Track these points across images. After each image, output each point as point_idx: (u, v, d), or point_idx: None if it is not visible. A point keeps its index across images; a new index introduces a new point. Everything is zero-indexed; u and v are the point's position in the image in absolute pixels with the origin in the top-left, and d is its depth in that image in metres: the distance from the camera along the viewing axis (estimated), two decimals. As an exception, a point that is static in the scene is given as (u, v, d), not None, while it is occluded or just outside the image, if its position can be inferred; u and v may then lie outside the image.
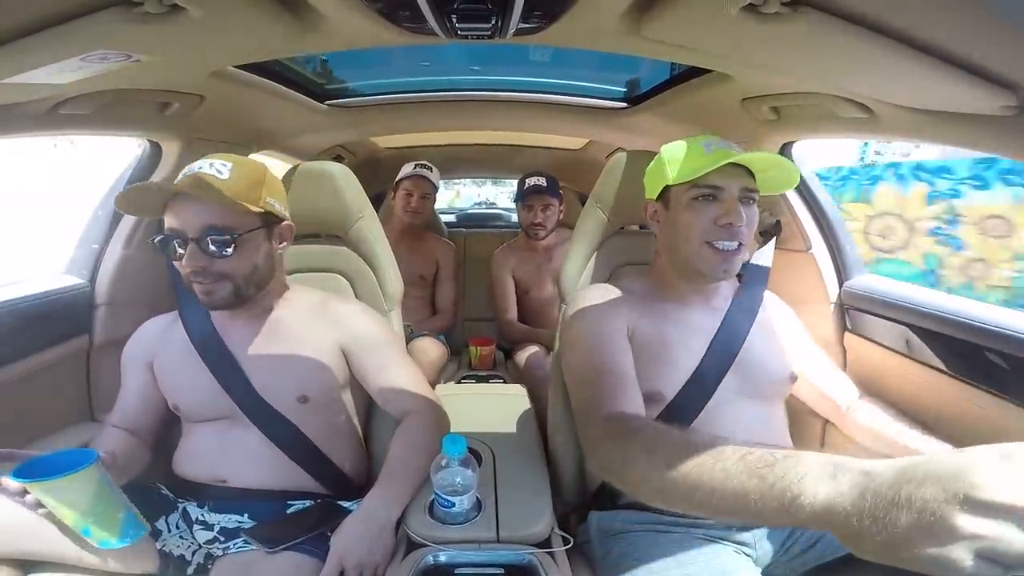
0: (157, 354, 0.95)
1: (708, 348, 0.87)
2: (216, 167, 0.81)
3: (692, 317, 0.90)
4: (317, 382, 0.92)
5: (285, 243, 0.93)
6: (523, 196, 1.95)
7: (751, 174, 0.85)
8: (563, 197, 2.00)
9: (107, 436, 0.91)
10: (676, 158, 0.87)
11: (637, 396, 0.79)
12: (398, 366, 0.98)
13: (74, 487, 0.66)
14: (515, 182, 2.15)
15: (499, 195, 8.82)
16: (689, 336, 0.88)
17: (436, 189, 2.00)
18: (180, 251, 0.81)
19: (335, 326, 0.96)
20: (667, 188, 0.88)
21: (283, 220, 0.92)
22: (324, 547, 0.79)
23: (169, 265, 1.00)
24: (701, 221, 0.84)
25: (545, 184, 1.91)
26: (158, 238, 0.83)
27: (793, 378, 0.92)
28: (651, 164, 0.94)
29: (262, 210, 0.85)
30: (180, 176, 0.84)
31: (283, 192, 0.94)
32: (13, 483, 0.66)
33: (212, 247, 0.80)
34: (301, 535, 0.81)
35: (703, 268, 0.86)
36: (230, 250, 0.81)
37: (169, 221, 0.81)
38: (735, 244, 0.84)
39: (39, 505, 0.68)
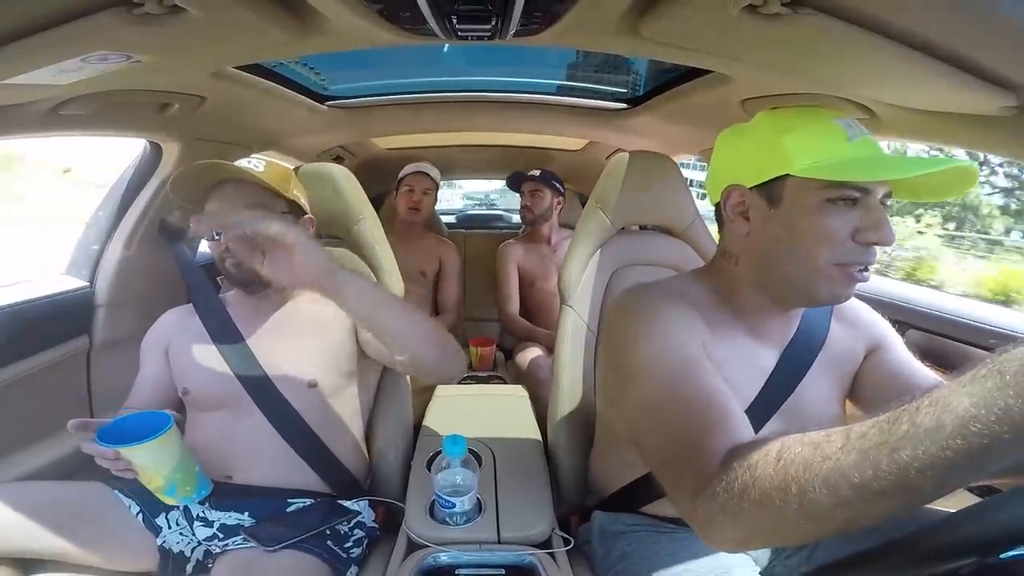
0: (172, 340, 0.97)
1: (760, 391, 0.72)
2: (253, 163, 0.92)
3: (756, 349, 0.73)
4: (327, 366, 0.94)
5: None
6: (517, 184, 2.08)
7: None
8: (562, 194, 2.05)
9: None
10: (802, 136, 0.62)
11: (746, 421, 0.56)
12: None
13: (162, 448, 0.72)
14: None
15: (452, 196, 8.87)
16: (749, 376, 0.72)
17: (437, 186, 2.05)
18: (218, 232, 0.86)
19: None
20: (782, 177, 0.63)
21: (306, 213, 0.99)
22: (324, 546, 0.79)
23: (178, 259, 1.05)
24: (838, 234, 0.61)
25: (538, 173, 2.02)
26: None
27: (838, 421, 0.77)
28: (743, 134, 0.68)
29: (291, 200, 0.94)
30: None
31: (304, 191, 1.01)
32: (107, 449, 0.69)
33: None
34: (301, 533, 0.81)
35: (819, 294, 0.64)
36: None
37: (210, 206, 0.89)
38: (868, 270, 0.63)
39: (128, 468, 0.72)
